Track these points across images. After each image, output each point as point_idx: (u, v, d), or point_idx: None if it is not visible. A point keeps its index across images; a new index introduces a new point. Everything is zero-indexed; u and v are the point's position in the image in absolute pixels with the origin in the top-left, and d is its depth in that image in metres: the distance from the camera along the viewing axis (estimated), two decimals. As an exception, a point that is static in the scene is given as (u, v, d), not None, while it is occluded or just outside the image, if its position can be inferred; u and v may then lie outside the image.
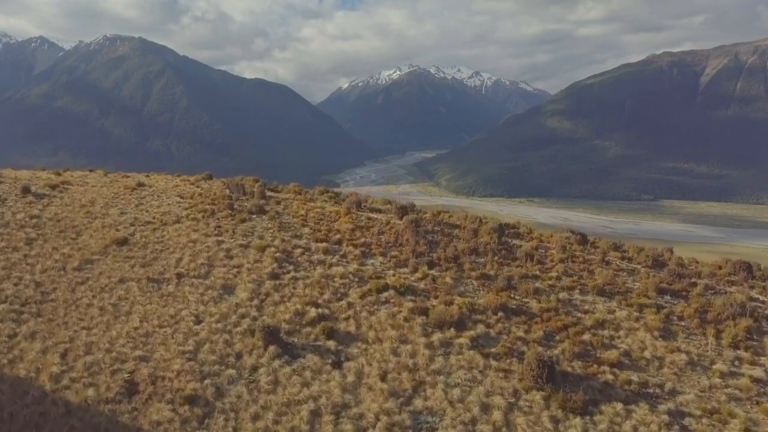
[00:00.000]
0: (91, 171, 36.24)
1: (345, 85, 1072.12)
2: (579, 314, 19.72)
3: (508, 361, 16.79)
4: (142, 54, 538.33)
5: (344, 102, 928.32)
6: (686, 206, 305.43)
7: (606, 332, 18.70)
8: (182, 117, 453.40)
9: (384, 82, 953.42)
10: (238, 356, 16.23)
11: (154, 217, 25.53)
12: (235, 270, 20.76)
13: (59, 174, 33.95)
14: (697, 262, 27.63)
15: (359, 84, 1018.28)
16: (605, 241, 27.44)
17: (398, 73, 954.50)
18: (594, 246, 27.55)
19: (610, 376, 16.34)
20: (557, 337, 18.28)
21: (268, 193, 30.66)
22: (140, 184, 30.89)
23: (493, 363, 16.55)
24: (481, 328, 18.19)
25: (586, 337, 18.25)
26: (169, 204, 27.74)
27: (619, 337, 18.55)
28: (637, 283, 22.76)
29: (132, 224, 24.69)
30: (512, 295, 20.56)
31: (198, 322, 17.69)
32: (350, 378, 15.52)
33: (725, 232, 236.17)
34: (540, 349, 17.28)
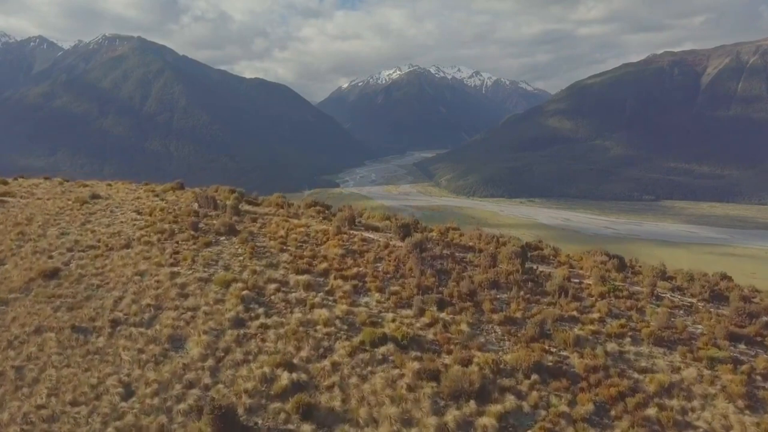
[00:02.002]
0: (46, 179, 31.55)
1: (345, 85, 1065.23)
2: (636, 375, 15.07)
3: (550, 452, 12.19)
4: (141, 53, 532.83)
5: (344, 102, 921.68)
6: (688, 207, 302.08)
7: (675, 402, 14.05)
8: (181, 117, 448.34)
9: (384, 81, 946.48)
10: (175, 453, 11.58)
11: (99, 240, 20.75)
12: (189, 314, 16.05)
13: (5, 183, 29.28)
14: (758, 291, 23.00)
15: (359, 84, 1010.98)
16: (649, 267, 22.75)
17: (398, 72, 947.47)
18: (634, 272, 22.92)
19: (692, 476, 11.78)
20: (612, 412, 13.62)
21: (245, 207, 25.91)
22: (94, 196, 26.12)
23: (531, 457, 11.94)
24: (510, 400, 13.53)
25: (651, 411, 13.60)
26: (122, 222, 22.96)
27: (693, 410, 13.90)
28: (700, 326, 18.13)
29: (70, 249, 19.94)
30: (547, 347, 15.91)
31: (127, 395, 13.01)
32: (331, 489, 10.90)
33: (728, 233, 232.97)
34: (593, 432, 12.69)
